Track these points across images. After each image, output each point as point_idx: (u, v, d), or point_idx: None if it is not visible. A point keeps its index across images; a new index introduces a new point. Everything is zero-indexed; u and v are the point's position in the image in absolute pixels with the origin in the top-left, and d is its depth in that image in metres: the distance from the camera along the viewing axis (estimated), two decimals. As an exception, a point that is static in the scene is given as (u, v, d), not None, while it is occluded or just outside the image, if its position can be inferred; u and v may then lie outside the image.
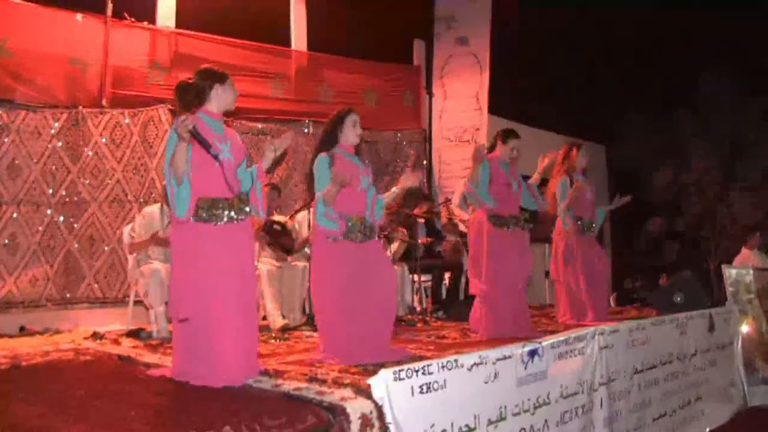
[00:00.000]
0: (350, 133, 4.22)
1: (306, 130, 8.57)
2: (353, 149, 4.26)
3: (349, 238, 4.02)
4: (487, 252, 5.13)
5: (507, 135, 5.33)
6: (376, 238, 4.24)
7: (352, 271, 3.98)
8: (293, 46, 8.82)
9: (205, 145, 3.29)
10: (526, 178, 5.52)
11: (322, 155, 4.09)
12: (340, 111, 4.36)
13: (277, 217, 6.11)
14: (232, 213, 3.47)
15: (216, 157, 3.31)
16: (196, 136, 3.25)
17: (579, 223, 5.87)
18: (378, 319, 4.03)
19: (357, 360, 3.72)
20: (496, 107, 9.75)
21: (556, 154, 5.67)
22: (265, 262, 6.02)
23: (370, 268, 4.06)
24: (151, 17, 7.62)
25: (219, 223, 3.42)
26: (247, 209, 3.57)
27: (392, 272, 4.31)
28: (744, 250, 9.38)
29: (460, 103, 9.69)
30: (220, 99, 3.56)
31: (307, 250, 6.23)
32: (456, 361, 2.89)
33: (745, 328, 5.83)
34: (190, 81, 3.57)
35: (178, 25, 7.74)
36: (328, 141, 4.21)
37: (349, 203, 4.08)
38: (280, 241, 6.08)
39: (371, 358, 3.75)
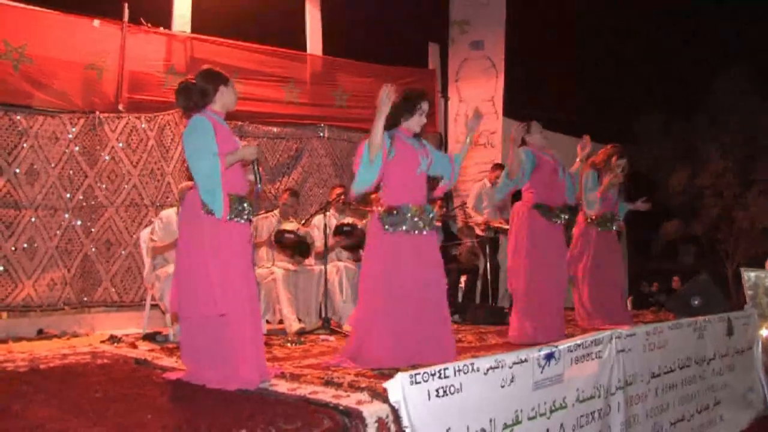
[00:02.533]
0: (415, 121, 4.10)
1: (321, 134, 8.59)
2: (411, 134, 4.14)
3: (408, 230, 3.93)
4: (527, 247, 5.04)
5: (528, 126, 5.22)
6: (434, 230, 4.13)
7: (405, 264, 3.89)
8: (308, 50, 8.84)
9: (257, 178, 3.56)
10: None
11: (384, 133, 3.94)
12: (411, 94, 4.16)
13: (287, 226, 6.10)
14: (251, 212, 3.55)
15: (258, 192, 3.62)
16: (255, 166, 3.52)
17: (601, 218, 5.88)
18: (429, 317, 3.93)
19: (388, 364, 3.64)
20: (511, 111, 9.73)
21: (589, 142, 5.64)
22: (281, 266, 6.04)
23: (423, 261, 3.96)
24: (167, 23, 7.67)
25: (242, 221, 3.47)
26: (255, 211, 3.62)
27: (441, 268, 4.14)
28: None
29: (475, 107, 9.68)
30: (224, 100, 3.60)
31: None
32: (472, 364, 2.88)
33: (764, 332, 5.77)
34: (193, 82, 3.59)
35: (193, 30, 7.79)
36: (390, 121, 3.99)
37: (407, 190, 3.99)
38: (295, 248, 6.07)
39: (415, 359, 3.67)
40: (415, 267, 3.92)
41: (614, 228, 6.05)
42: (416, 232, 3.95)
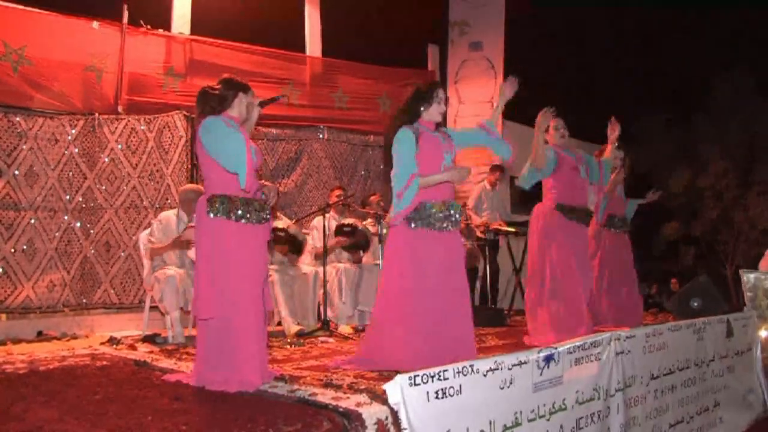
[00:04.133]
0: (435, 110, 3.97)
1: (321, 136, 8.59)
2: (434, 126, 4.03)
3: (431, 226, 3.84)
4: (550, 248, 5.00)
5: (550, 116, 5.13)
6: (458, 229, 4.02)
7: (431, 262, 3.81)
8: (308, 51, 8.85)
9: (272, 100, 3.83)
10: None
11: (406, 128, 3.86)
12: (426, 84, 4.06)
13: (277, 224, 6.08)
14: (263, 214, 3.54)
15: (275, 99, 3.91)
16: (265, 103, 3.69)
17: (610, 218, 5.84)
18: (449, 315, 3.84)
19: (411, 365, 3.57)
20: (510, 113, 9.70)
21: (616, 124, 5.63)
22: (277, 268, 6.03)
23: (446, 259, 3.87)
24: (167, 24, 7.69)
25: (247, 222, 3.46)
26: (268, 213, 3.60)
27: (464, 268, 4.05)
28: None
29: (474, 108, 9.67)
30: (241, 107, 3.61)
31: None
32: (471, 366, 2.87)
33: (763, 334, 5.75)
34: (214, 88, 3.61)
35: (193, 31, 7.80)
36: (410, 115, 3.95)
37: (431, 187, 3.88)
38: (285, 244, 6.07)
39: (439, 359, 3.47)
40: (439, 266, 3.84)
41: (625, 229, 5.99)
42: (440, 229, 3.88)
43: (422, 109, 3.97)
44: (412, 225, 3.85)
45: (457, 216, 3.96)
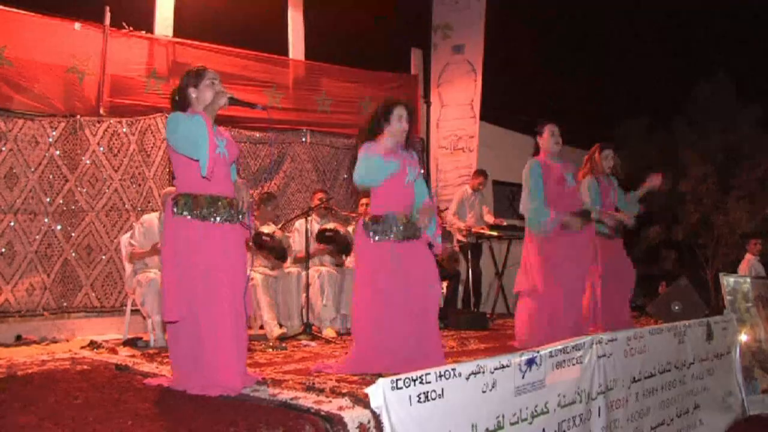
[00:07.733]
0: (395, 128, 3.98)
1: (303, 139, 8.59)
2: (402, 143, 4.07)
3: (391, 237, 3.91)
4: (539, 259, 5.01)
5: (542, 126, 5.17)
6: (421, 238, 4.07)
7: (392, 272, 3.86)
8: (291, 55, 8.85)
9: (249, 104, 3.67)
10: (518, 186, 5.40)
11: (368, 143, 3.93)
12: (386, 101, 4.09)
13: (264, 228, 6.07)
14: (232, 212, 3.46)
15: (253, 105, 3.70)
16: (235, 102, 3.57)
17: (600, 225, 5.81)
18: (418, 323, 3.90)
19: (385, 368, 3.60)
20: (489, 115, 9.75)
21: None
22: (259, 271, 6.01)
23: (411, 269, 3.93)
24: (149, 26, 7.66)
25: (214, 222, 3.40)
26: (238, 213, 3.53)
27: (435, 275, 4.12)
28: (748, 256, 9.50)
29: (455, 111, 9.70)
30: (199, 100, 3.53)
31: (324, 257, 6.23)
32: (453, 370, 2.87)
33: (743, 337, 5.81)
34: (175, 90, 3.60)
35: (175, 34, 7.77)
36: (371, 133, 4.00)
37: (393, 200, 3.96)
38: (271, 251, 6.06)
39: (409, 366, 3.48)
40: (401, 275, 3.89)
41: (620, 235, 5.95)
42: (402, 240, 3.94)
43: (383, 127, 4.00)
44: (376, 238, 3.92)
45: (415, 227, 4.01)
